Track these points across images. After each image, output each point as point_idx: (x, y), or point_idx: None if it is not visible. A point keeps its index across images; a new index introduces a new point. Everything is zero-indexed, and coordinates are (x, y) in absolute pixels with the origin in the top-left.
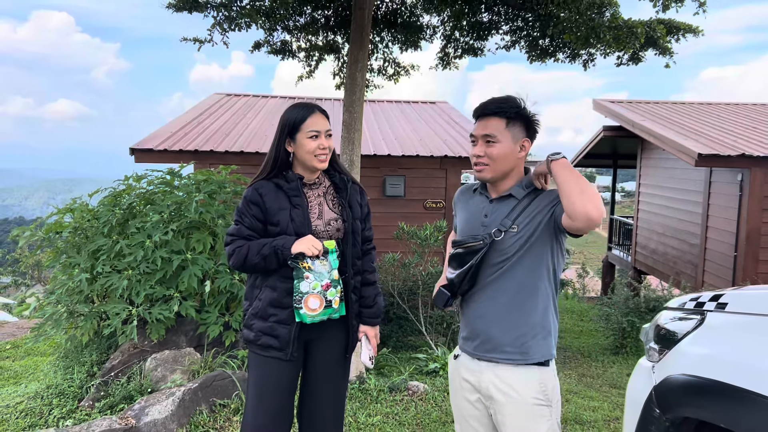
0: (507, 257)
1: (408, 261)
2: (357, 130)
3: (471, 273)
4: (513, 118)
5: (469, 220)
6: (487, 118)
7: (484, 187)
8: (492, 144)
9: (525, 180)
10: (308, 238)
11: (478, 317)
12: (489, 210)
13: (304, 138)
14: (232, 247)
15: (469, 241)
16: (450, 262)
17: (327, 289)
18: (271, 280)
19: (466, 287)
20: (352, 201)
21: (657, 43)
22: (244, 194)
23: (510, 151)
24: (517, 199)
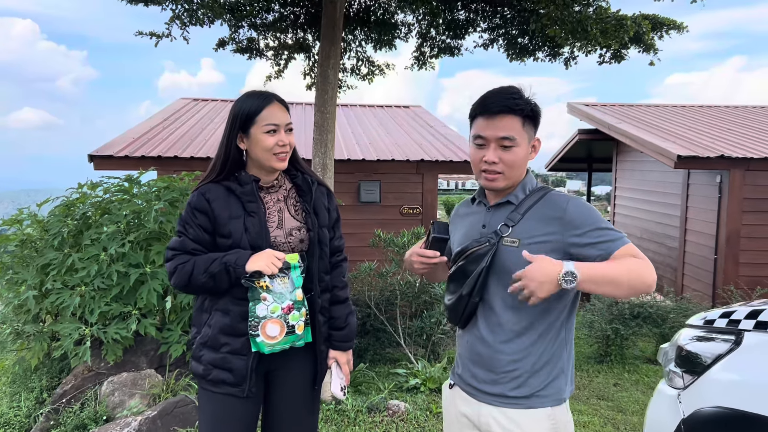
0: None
1: (385, 270)
2: (330, 132)
3: (481, 280)
4: (528, 116)
5: (467, 234)
6: (500, 117)
7: (482, 194)
8: (509, 149)
9: (526, 182)
10: (266, 252)
11: (479, 351)
12: (487, 218)
13: (260, 133)
14: (174, 264)
15: (473, 246)
16: (449, 285)
17: (289, 312)
18: (223, 303)
19: (475, 301)
20: (318, 206)
21: (642, 39)
22: (188, 200)
23: (525, 153)
24: (514, 204)
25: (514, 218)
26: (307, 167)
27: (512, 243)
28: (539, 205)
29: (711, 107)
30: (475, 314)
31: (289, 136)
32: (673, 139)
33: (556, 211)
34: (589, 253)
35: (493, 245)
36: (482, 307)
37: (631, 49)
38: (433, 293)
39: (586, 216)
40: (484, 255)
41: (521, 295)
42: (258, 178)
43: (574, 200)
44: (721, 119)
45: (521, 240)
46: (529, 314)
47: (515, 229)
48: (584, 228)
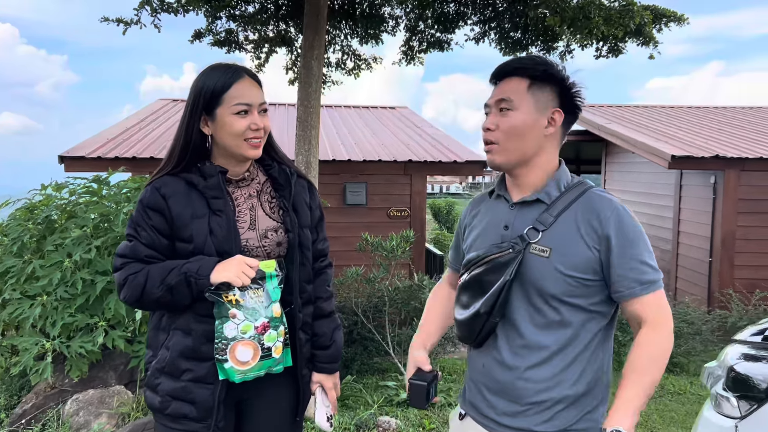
0: (544, 295)
1: (373, 275)
2: (314, 127)
3: (504, 296)
4: (539, 78)
5: (483, 236)
6: (504, 81)
7: (503, 185)
8: (505, 112)
9: (560, 175)
10: (235, 259)
11: (498, 377)
12: (510, 218)
13: (228, 114)
14: (124, 275)
15: (493, 252)
16: (461, 295)
17: (264, 331)
18: (183, 321)
19: (495, 321)
20: (298, 202)
21: (642, 31)
22: (140, 197)
23: (531, 121)
24: (545, 204)
25: (545, 221)
26: (285, 156)
27: (542, 252)
28: (577, 206)
29: (700, 108)
30: (495, 333)
31: (264, 119)
32: (665, 139)
33: (595, 218)
34: (613, 282)
35: (518, 253)
36: (503, 325)
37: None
38: (423, 299)
39: (632, 240)
40: (506, 265)
41: None
42: (225, 170)
43: (619, 212)
44: (712, 120)
45: (553, 249)
46: (562, 334)
47: (546, 234)
48: (623, 252)
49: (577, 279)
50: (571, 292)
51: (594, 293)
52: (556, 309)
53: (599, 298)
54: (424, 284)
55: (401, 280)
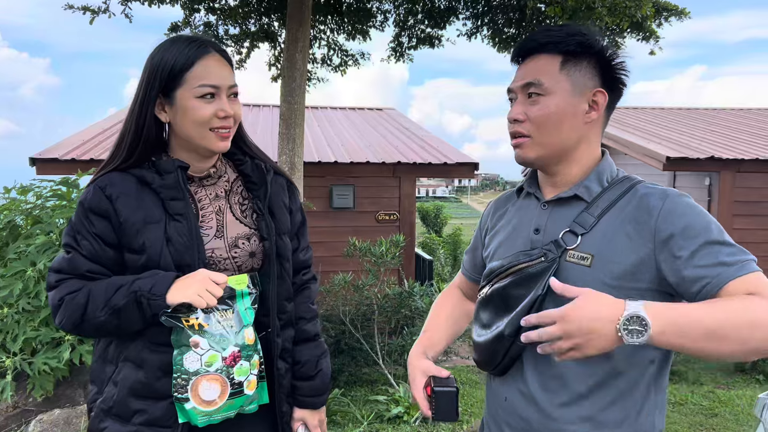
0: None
1: (361, 282)
2: (298, 125)
3: (536, 311)
4: (574, 53)
5: (509, 242)
6: (530, 59)
7: (533, 182)
8: (536, 98)
9: (603, 168)
10: (198, 274)
11: (524, 414)
12: (542, 219)
13: (190, 97)
14: (60, 294)
15: (521, 261)
16: (480, 312)
17: (234, 362)
18: (135, 351)
19: (521, 344)
20: (276, 204)
21: (642, 25)
22: (80, 198)
23: (568, 107)
24: (585, 202)
25: (584, 222)
26: (260, 150)
27: (582, 260)
28: (623, 204)
29: (690, 110)
30: (521, 359)
31: (234, 104)
32: (658, 140)
33: (644, 212)
34: (687, 282)
35: (552, 262)
36: (532, 350)
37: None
38: (413, 307)
39: (692, 221)
40: (538, 276)
41: (556, 352)
42: (186, 165)
43: (674, 197)
44: (703, 121)
45: (595, 256)
46: (604, 365)
47: (587, 238)
48: (687, 240)
49: (627, 291)
50: None
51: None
52: None
53: None
54: (415, 291)
55: (391, 286)
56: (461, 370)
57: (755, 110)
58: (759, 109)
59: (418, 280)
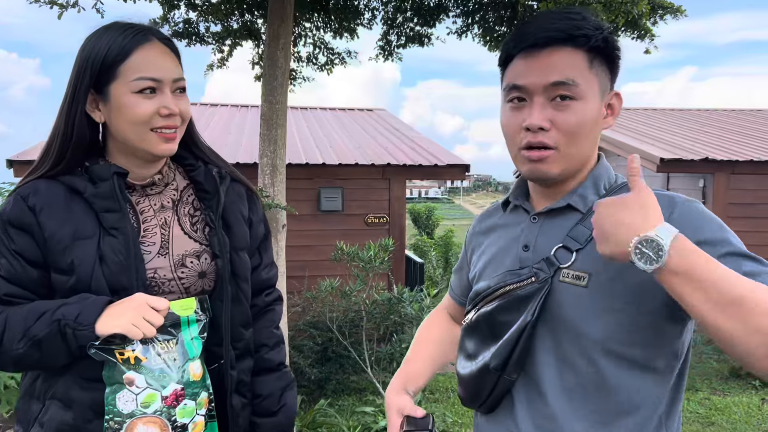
0: (580, 341)
1: (348, 288)
2: (280, 126)
3: (523, 344)
4: (599, 50)
5: (497, 261)
6: (551, 51)
7: (521, 192)
8: (569, 103)
9: (599, 173)
10: (134, 300)
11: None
12: (532, 235)
13: (126, 93)
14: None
15: (509, 282)
16: (465, 341)
17: (176, 402)
18: (63, 387)
19: (510, 379)
20: (232, 215)
21: (638, 23)
22: (2, 209)
23: (597, 114)
24: (580, 213)
25: (580, 236)
26: (215, 154)
27: (577, 279)
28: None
29: (683, 110)
30: (510, 395)
31: (180, 101)
32: (651, 141)
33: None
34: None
35: (544, 282)
36: (523, 383)
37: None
38: (403, 313)
39: (708, 230)
40: (527, 299)
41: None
42: (125, 171)
43: (683, 203)
44: (696, 122)
45: (593, 275)
46: (604, 402)
47: (583, 254)
48: (710, 248)
49: (630, 315)
50: (621, 337)
51: (657, 339)
52: (595, 365)
53: (664, 347)
54: (404, 297)
55: (380, 292)
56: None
57: (748, 111)
58: (752, 110)
59: (409, 284)
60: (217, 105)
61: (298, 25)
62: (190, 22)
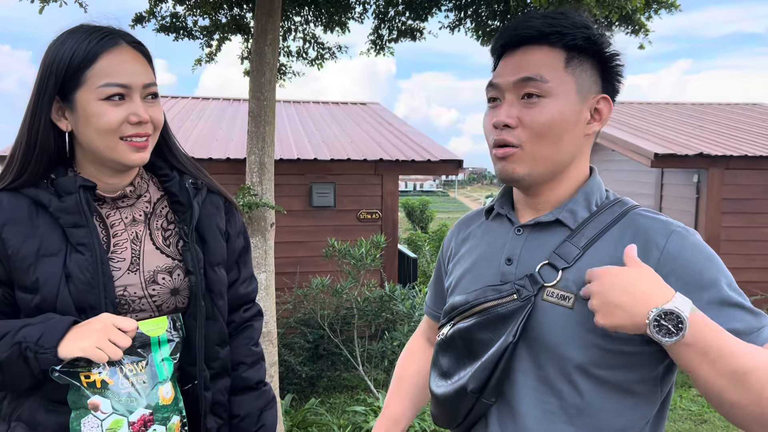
0: (561, 363)
1: (340, 285)
2: (268, 123)
3: (505, 362)
4: (580, 48)
5: (475, 272)
6: (525, 50)
7: (506, 201)
8: (537, 101)
9: (591, 188)
10: (99, 321)
11: None
12: (516, 248)
13: (93, 100)
14: None
15: (489, 298)
16: (439, 357)
17: (144, 428)
18: (28, 410)
19: (488, 403)
20: (208, 228)
21: (632, 18)
22: None
23: (573, 115)
24: (569, 229)
25: (567, 254)
26: (192, 163)
27: (562, 299)
28: (614, 233)
29: (678, 104)
30: (485, 418)
31: (152, 107)
32: (646, 136)
33: (644, 248)
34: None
35: (526, 301)
36: (499, 407)
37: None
38: (395, 311)
39: (701, 269)
40: (508, 319)
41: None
42: (92, 184)
43: (680, 234)
44: (691, 116)
45: (578, 296)
46: (584, 426)
47: (570, 273)
48: (693, 294)
49: (616, 341)
50: (606, 361)
51: (641, 363)
52: (577, 389)
53: (649, 371)
54: (396, 294)
55: (372, 289)
56: None
57: (743, 105)
58: (747, 104)
59: (402, 279)
60: (209, 99)
61: (287, 19)
62: (177, 16)
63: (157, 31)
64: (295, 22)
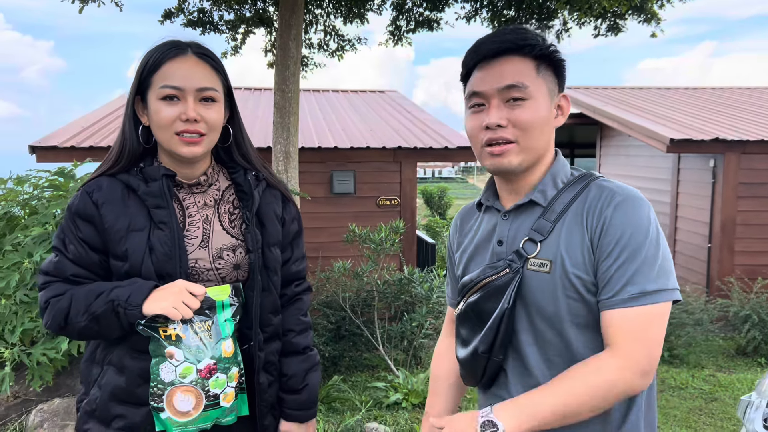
0: (549, 319)
1: (360, 269)
2: (293, 114)
3: (504, 329)
4: (543, 57)
5: (477, 257)
6: (502, 60)
7: (491, 194)
8: (521, 103)
9: (557, 169)
10: (175, 285)
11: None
12: (503, 230)
13: (155, 99)
14: (46, 296)
15: (488, 275)
16: (460, 328)
17: (209, 375)
18: (117, 356)
19: (497, 360)
20: (267, 215)
21: (643, 7)
22: (69, 202)
23: (549, 115)
24: (541, 206)
25: (542, 228)
26: (256, 159)
27: (541, 267)
28: (577, 205)
29: (696, 89)
30: (504, 372)
31: (204, 108)
32: (663, 122)
33: (593, 213)
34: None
35: (516, 272)
36: (513, 360)
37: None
38: (414, 293)
39: (624, 226)
40: (504, 288)
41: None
42: (172, 173)
43: (618, 200)
44: (709, 101)
45: (553, 262)
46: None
47: (545, 245)
48: (612, 254)
49: (583, 297)
50: (579, 314)
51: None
52: (566, 337)
53: None
54: (414, 277)
55: (391, 273)
56: None
57: (762, 89)
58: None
59: (420, 264)
60: None
61: (308, 12)
62: (204, 11)
63: (185, 26)
64: (316, 15)
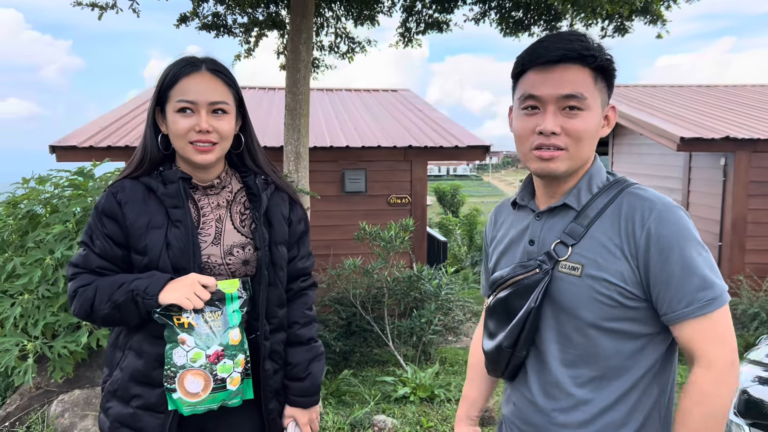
0: (576, 321)
1: (371, 266)
2: (303, 116)
3: (529, 326)
4: (601, 69)
5: (509, 253)
6: (563, 67)
7: (526, 193)
8: (577, 113)
9: (592, 173)
10: (189, 278)
11: (529, 419)
12: (536, 231)
13: (171, 111)
14: (75, 286)
15: (518, 273)
16: (488, 321)
17: (217, 360)
18: (137, 341)
19: (520, 356)
20: (274, 215)
21: (649, 9)
22: (96, 202)
23: (598, 123)
24: (575, 210)
25: (574, 232)
26: (266, 163)
27: (573, 270)
28: (611, 211)
29: (709, 87)
30: (524, 367)
31: (216, 120)
32: (674, 120)
33: (631, 222)
34: (656, 302)
35: (546, 273)
36: (534, 357)
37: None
38: (423, 290)
39: (675, 243)
40: (533, 287)
41: None
42: (188, 176)
43: (659, 211)
44: (721, 99)
45: (585, 266)
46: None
47: (577, 248)
48: (667, 266)
49: (616, 300)
50: (611, 315)
51: (642, 317)
52: (593, 339)
53: (650, 322)
54: (424, 275)
55: (401, 270)
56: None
57: None
58: None
59: (432, 261)
60: (245, 88)
61: (319, 15)
62: (218, 15)
63: (200, 29)
64: (327, 18)
